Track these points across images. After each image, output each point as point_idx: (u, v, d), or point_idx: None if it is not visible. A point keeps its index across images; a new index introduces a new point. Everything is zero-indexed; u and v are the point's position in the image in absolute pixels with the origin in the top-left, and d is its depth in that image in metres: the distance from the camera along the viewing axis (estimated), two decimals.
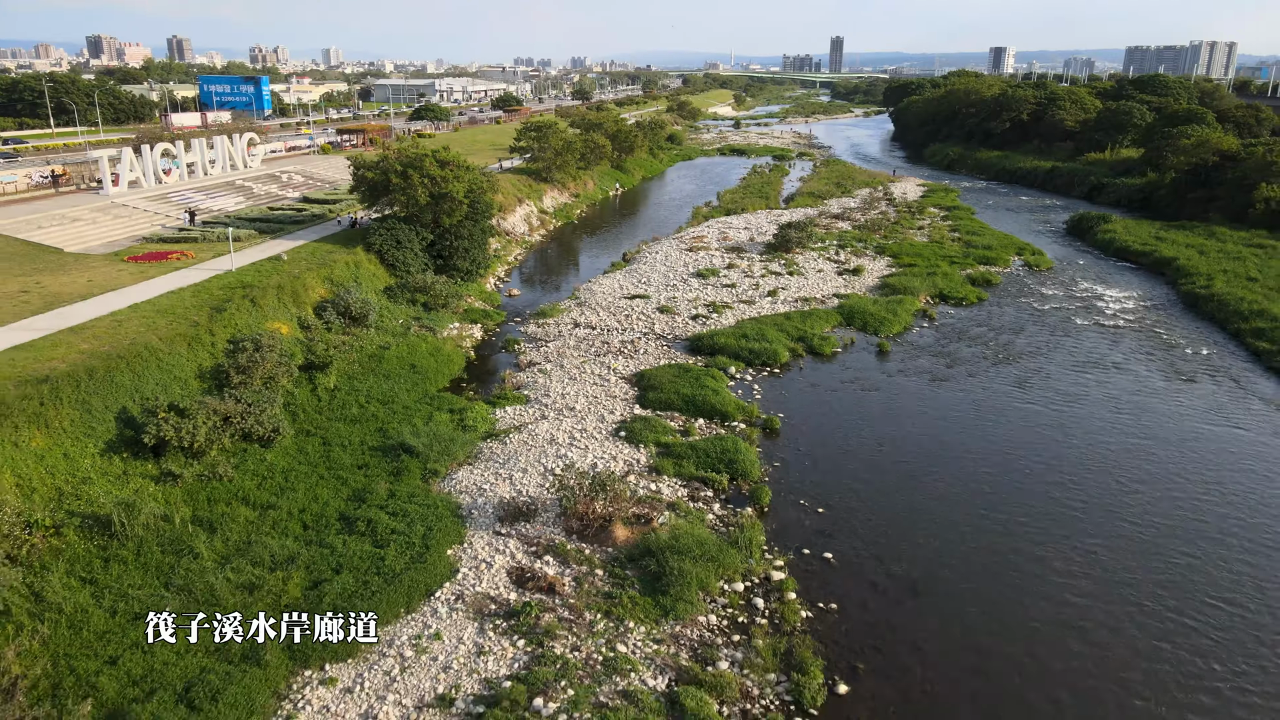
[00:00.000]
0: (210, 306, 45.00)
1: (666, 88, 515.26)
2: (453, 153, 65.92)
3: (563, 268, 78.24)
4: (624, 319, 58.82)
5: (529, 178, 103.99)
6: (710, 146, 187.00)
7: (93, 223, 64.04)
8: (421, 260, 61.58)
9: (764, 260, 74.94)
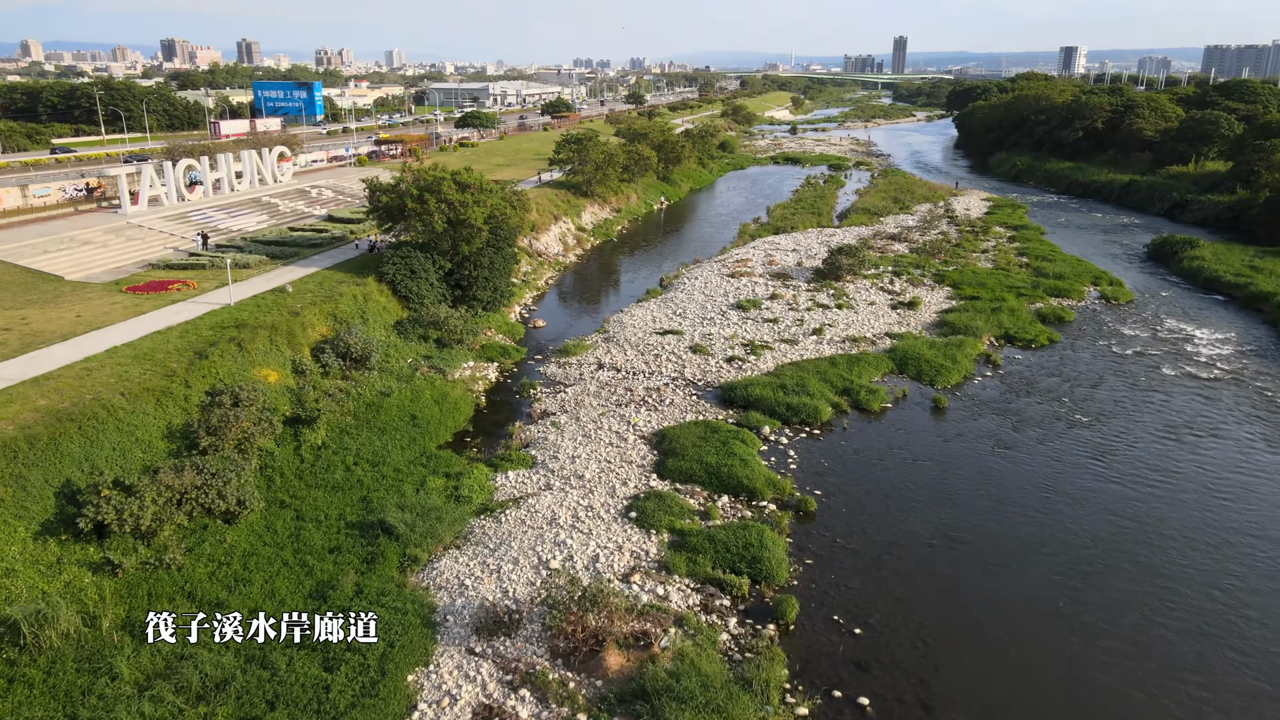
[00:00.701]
0: (194, 351, 41.23)
1: (724, 90, 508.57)
2: (476, 173, 61.63)
3: (594, 294, 73.48)
4: (653, 359, 53.80)
5: (568, 192, 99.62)
6: (763, 154, 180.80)
7: (102, 246, 61.28)
8: (438, 291, 57.37)
9: (811, 290, 69.15)
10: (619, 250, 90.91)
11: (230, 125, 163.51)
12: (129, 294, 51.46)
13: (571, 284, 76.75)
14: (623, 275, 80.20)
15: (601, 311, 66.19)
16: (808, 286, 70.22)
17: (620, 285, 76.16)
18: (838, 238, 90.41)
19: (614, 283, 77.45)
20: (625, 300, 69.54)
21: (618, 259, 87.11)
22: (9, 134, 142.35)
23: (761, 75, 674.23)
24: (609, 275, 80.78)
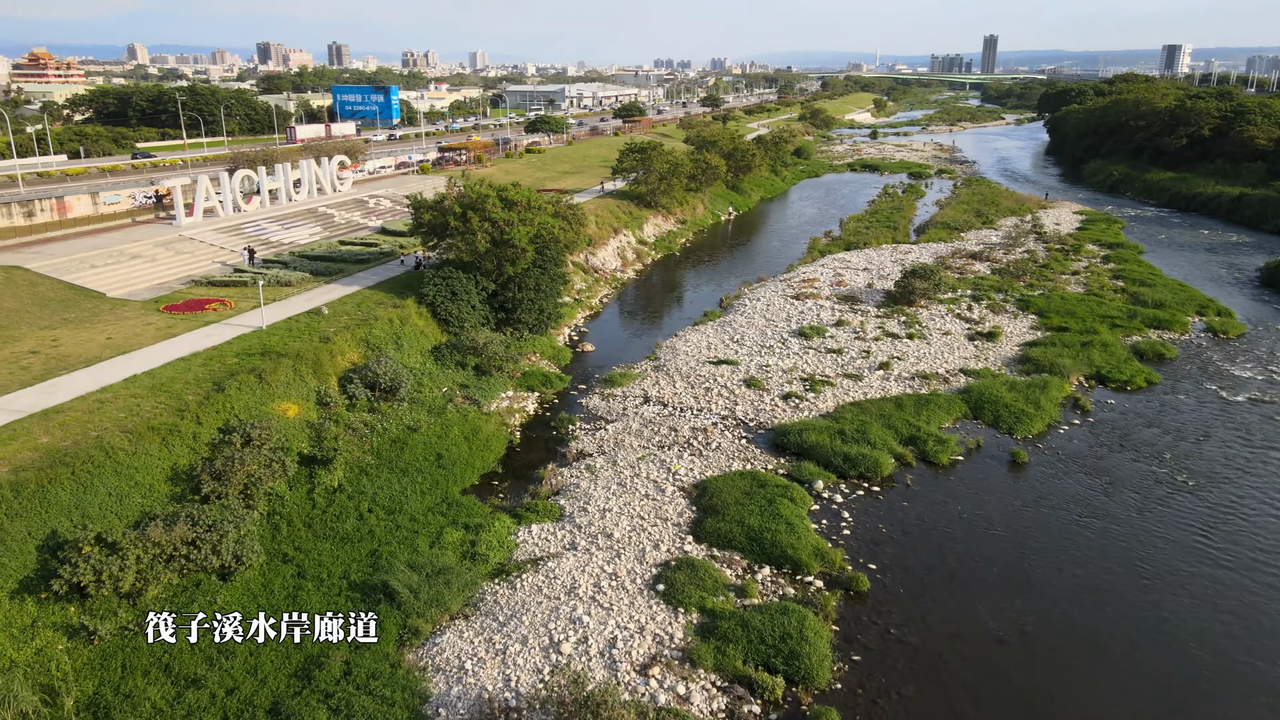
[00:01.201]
0: (212, 382, 39.23)
1: (804, 91, 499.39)
2: (524, 189, 58.82)
3: (648, 315, 69.96)
4: (703, 393, 50.05)
5: (631, 202, 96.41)
6: (840, 161, 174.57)
7: (150, 261, 60.52)
8: (479, 314, 54.71)
9: (881, 316, 64.32)
10: (680, 265, 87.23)
11: (306, 130, 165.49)
12: (165, 314, 50.14)
13: (627, 303, 73.41)
14: (681, 294, 76.52)
15: (655, 334, 62.66)
16: (877, 312, 65.38)
17: (677, 305, 72.49)
18: (913, 255, 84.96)
19: (671, 302, 73.82)
20: (681, 322, 65.87)
21: (678, 275, 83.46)
22: (95, 138, 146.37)
23: (844, 76, 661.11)
24: (666, 294, 77.20)
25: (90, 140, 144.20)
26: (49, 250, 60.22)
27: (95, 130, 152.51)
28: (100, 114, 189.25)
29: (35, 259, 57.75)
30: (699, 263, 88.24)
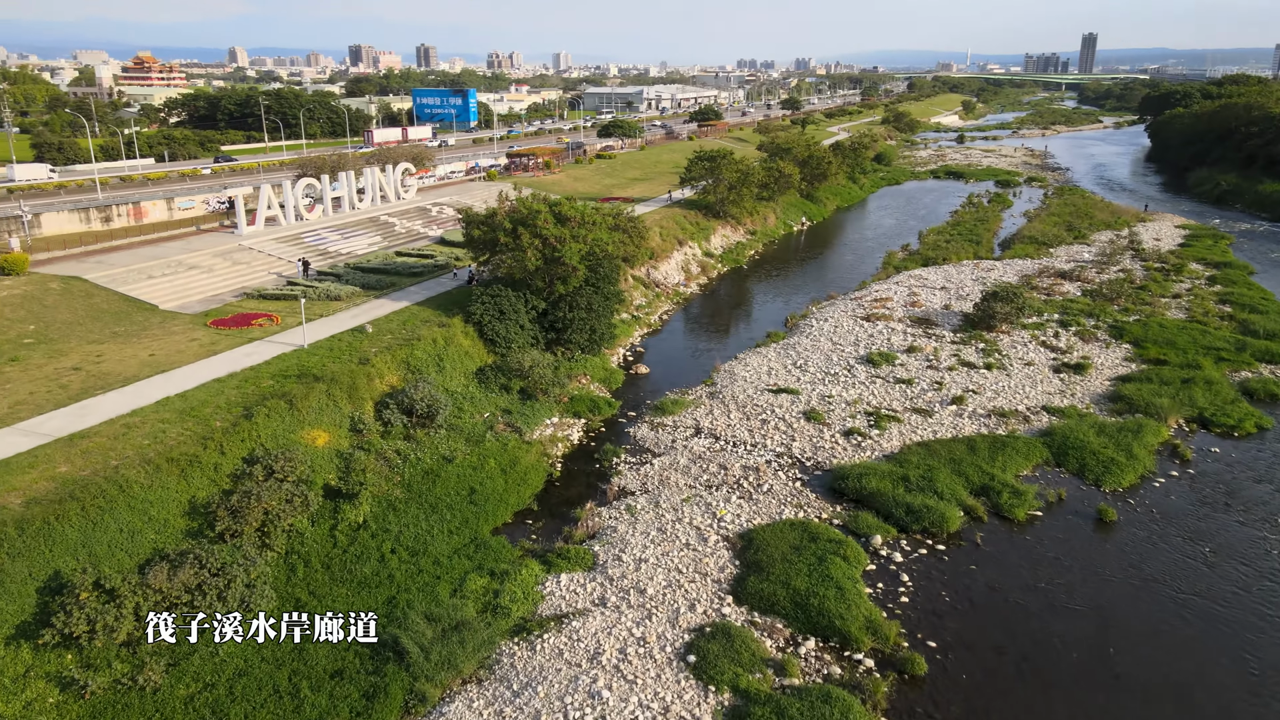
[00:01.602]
0: (243, 407, 37.99)
1: (890, 93, 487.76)
2: (578, 204, 56.56)
3: (709, 335, 66.93)
4: (758, 426, 46.92)
5: (699, 212, 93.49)
6: (923, 168, 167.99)
7: (207, 271, 60.35)
8: (528, 334, 52.64)
9: (957, 342, 59.99)
10: (747, 280, 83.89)
11: (383, 133, 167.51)
12: (211, 329, 49.47)
13: (687, 321, 70.50)
14: (744, 312, 73.26)
15: (713, 356, 59.66)
16: (953, 337, 61.03)
17: (740, 324, 69.27)
18: (996, 273, 79.84)
19: (733, 321, 70.63)
20: (742, 344, 62.71)
21: (743, 291, 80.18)
22: (183, 142, 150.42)
23: (931, 76, 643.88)
24: (729, 311, 74.01)
25: (177, 144, 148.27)
26: (111, 260, 60.57)
27: (183, 134, 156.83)
28: (192, 117, 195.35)
29: (96, 269, 58.06)
30: (766, 277, 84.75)
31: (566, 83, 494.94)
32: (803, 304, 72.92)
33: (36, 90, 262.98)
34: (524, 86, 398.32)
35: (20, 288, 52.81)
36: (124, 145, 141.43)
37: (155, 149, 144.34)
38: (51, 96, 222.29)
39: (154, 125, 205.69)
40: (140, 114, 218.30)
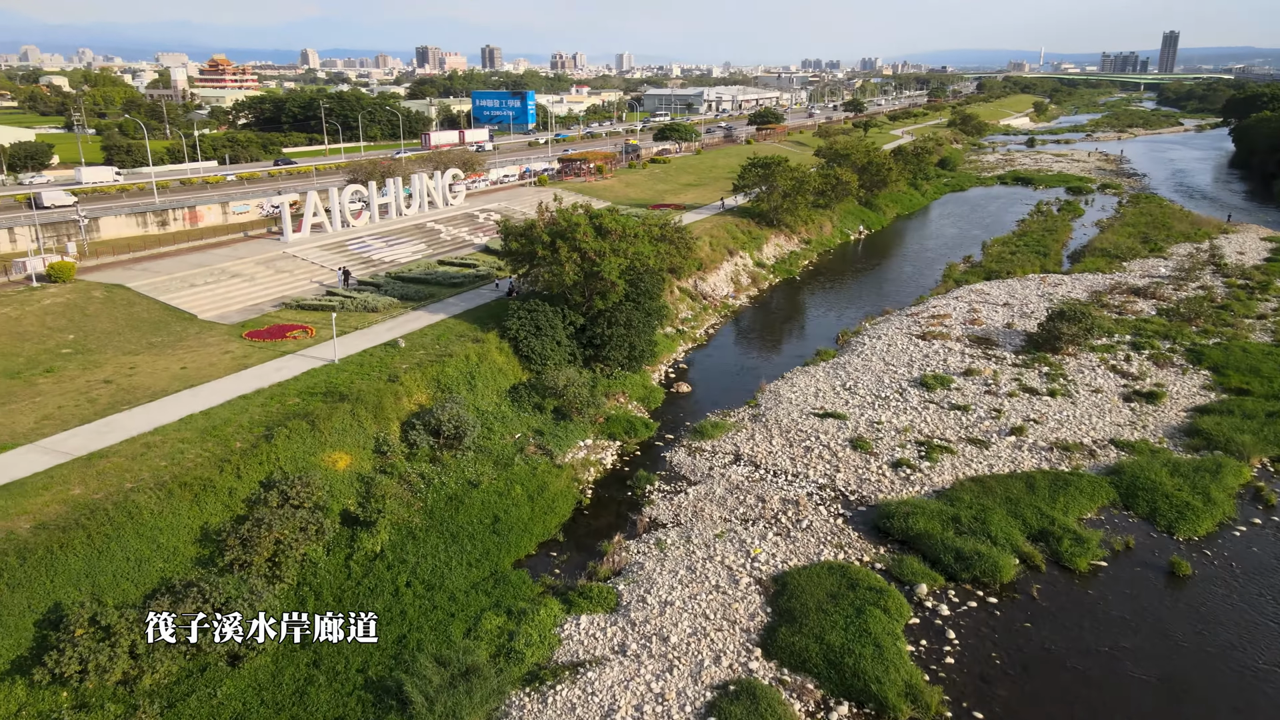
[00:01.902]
0: (265, 426, 37.10)
1: (958, 94, 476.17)
2: (620, 216, 54.75)
3: (756, 351, 64.51)
4: (801, 454, 44.52)
5: (751, 220, 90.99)
6: (990, 173, 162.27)
7: (249, 280, 60.15)
8: (565, 351, 51.01)
9: (1019, 364, 56.61)
10: (799, 292, 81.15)
11: (440, 136, 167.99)
12: (246, 340, 48.97)
13: (734, 335, 68.14)
14: (794, 327, 70.62)
15: (759, 374, 57.29)
16: (1015, 359, 57.62)
17: (788, 340, 66.70)
18: (1063, 289, 75.75)
19: (782, 336, 68.07)
20: (790, 361, 60.21)
21: (794, 304, 77.49)
22: (246, 144, 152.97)
23: (1002, 76, 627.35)
24: (779, 326, 71.42)
25: (240, 146, 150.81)
26: (156, 267, 60.78)
27: (246, 136, 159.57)
28: (258, 119, 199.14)
29: (141, 276, 58.27)
30: (820, 289, 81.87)
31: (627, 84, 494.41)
32: (856, 319, 70.04)
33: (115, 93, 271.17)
34: (584, 88, 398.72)
35: (65, 296, 53.11)
36: (190, 148, 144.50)
37: (219, 151, 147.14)
38: (127, 99, 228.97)
39: (223, 127, 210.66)
40: (210, 116, 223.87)
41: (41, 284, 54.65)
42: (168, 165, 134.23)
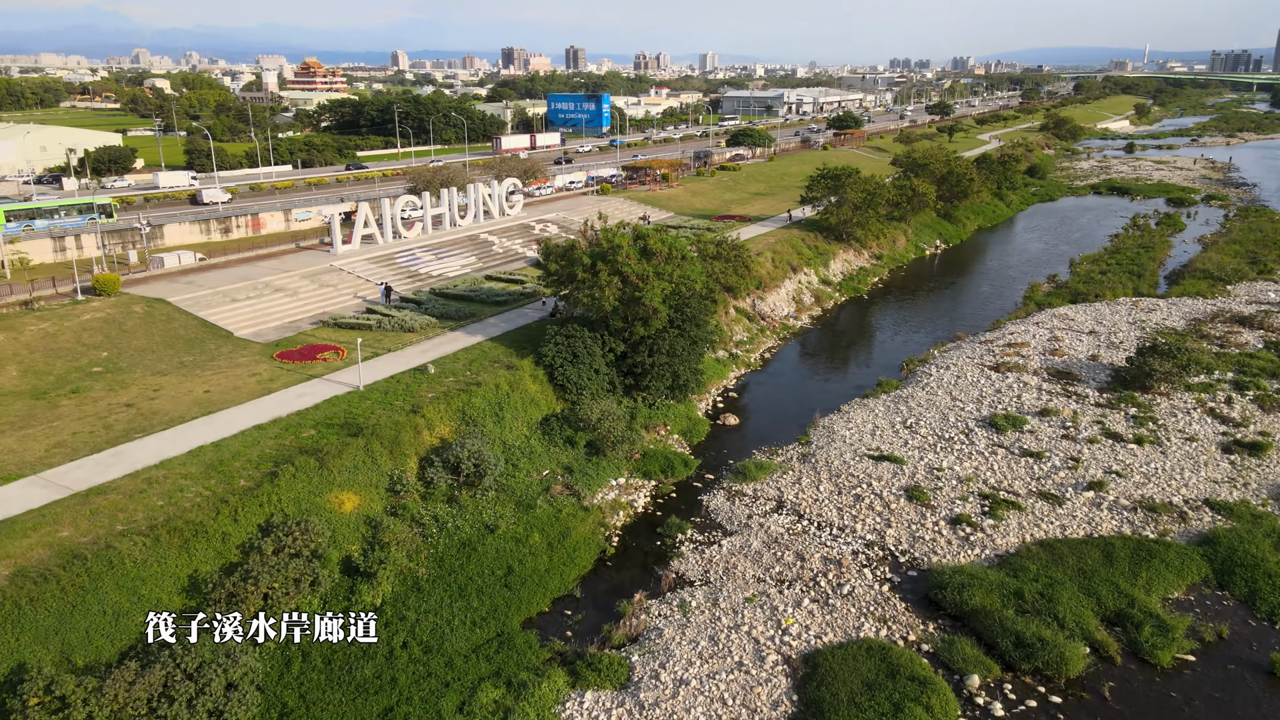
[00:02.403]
0: (273, 461, 35.33)
1: (1053, 95, 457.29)
2: (670, 235, 51.60)
3: (812, 379, 60.57)
4: (850, 503, 40.76)
5: (819, 234, 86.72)
6: (1082, 182, 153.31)
7: (291, 295, 59.16)
8: (603, 380, 48.21)
9: (1103, 404, 51.45)
10: (866, 312, 76.65)
11: (510, 141, 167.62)
12: (276, 362, 47.65)
13: (792, 360, 64.28)
14: (857, 352, 66.33)
15: (814, 406, 53.47)
16: (1098, 398, 52.44)
17: (849, 367, 62.56)
18: (1158, 315, 69.49)
19: (843, 362, 63.93)
20: (848, 391, 56.22)
21: (859, 326, 73.10)
22: (322, 148, 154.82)
23: (1102, 76, 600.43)
24: (840, 350, 67.19)
25: (316, 150, 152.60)
26: (201, 280, 60.27)
27: (323, 140, 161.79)
28: (338, 123, 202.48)
29: (185, 290, 57.80)
30: (888, 310, 77.21)
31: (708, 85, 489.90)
32: (924, 345, 65.40)
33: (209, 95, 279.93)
34: (664, 89, 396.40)
35: (105, 310, 52.77)
36: (268, 151, 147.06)
37: (295, 155, 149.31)
38: (217, 102, 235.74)
39: (306, 130, 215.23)
40: (295, 119, 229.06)
41: (86, 297, 54.54)
42: (244, 169, 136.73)
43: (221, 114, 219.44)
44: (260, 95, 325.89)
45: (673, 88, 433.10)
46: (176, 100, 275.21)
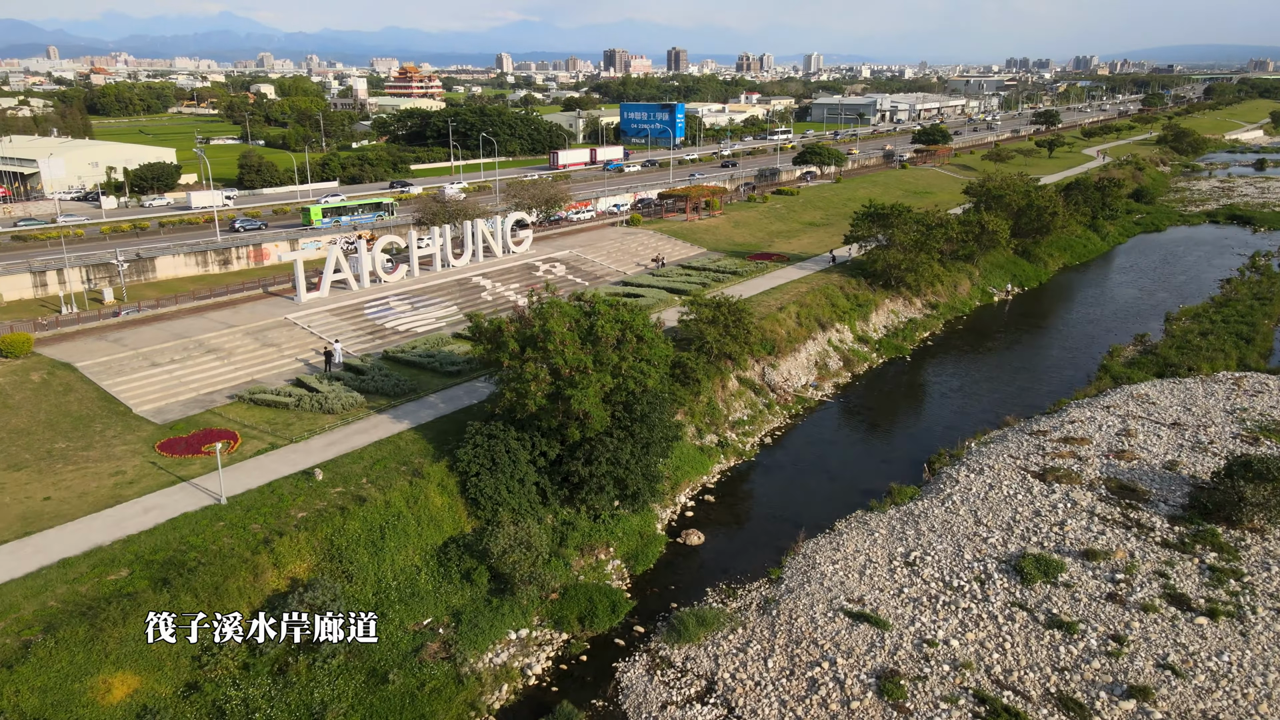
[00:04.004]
0: (47, 621, 28.28)
1: (1181, 99, 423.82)
2: (632, 311, 42.50)
3: (811, 479, 50.14)
4: (801, 692, 31.20)
5: (863, 280, 75.95)
6: (1197, 207, 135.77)
7: (225, 357, 52.85)
8: (530, 491, 39.74)
9: (1172, 542, 39.92)
10: (905, 381, 65.70)
11: (569, 155, 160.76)
12: (155, 453, 41.05)
13: (796, 448, 54.18)
14: (876, 439, 55.79)
15: (803, 520, 43.77)
16: (1167, 530, 40.91)
17: (860, 463, 52.24)
18: (1264, 402, 56.43)
19: (854, 455, 53.56)
20: (853, 499, 46.14)
21: (889, 402, 62.22)
22: (375, 162, 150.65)
23: (1238, 79, 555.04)
24: (856, 437, 56.60)
25: (369, 164, 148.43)
26: (128, 339, 54.42)
27: (377, 153, 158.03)
28: (406, 133, 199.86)
29: (108, 350, 52.22)
30: (931, 377, 66.03)
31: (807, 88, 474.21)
32: (963, 430, 54.42)
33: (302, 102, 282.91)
34: (755, 95, 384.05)
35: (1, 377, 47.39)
36: (320, 165, 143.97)
37: (347, 170, 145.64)
38: (298, 110, 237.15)
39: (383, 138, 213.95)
40: (372, 128, 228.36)
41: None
42: (289, 186, 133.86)
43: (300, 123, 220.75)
44: (349, 102, 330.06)
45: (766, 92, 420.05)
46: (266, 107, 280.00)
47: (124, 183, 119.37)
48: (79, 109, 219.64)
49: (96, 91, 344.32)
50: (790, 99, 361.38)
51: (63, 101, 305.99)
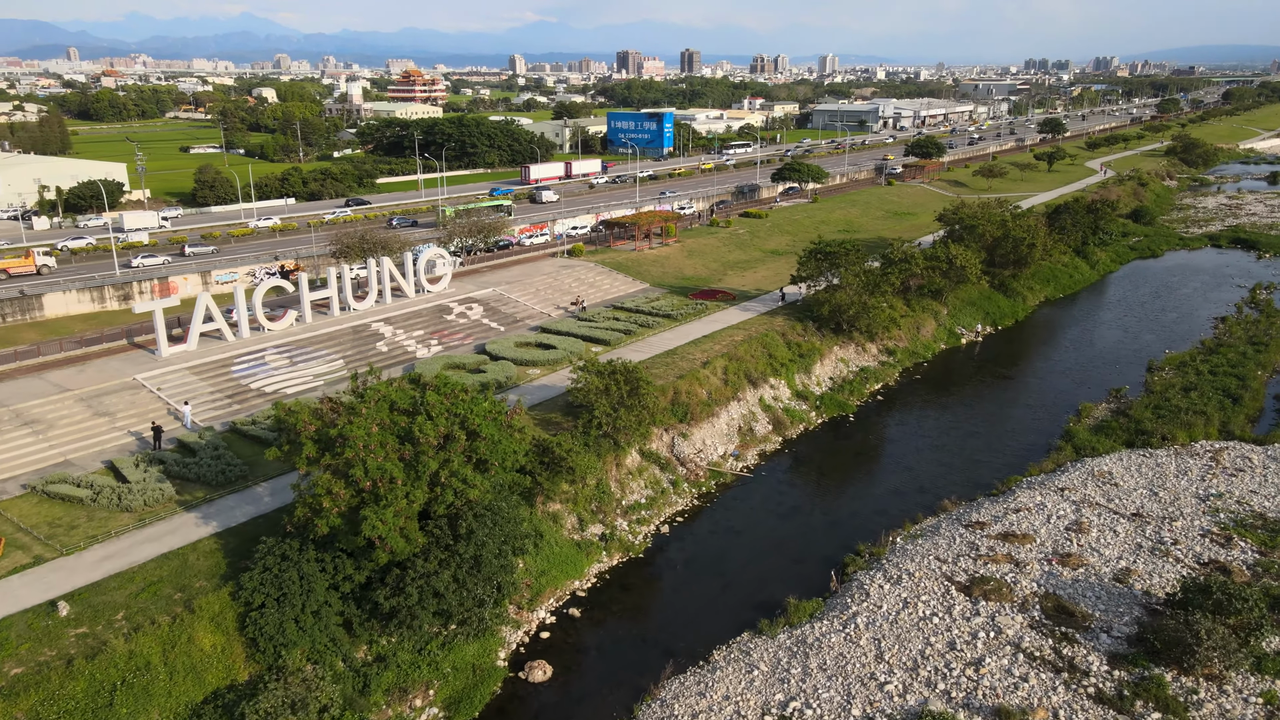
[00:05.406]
0: None
1: (1198, 104, 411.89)
2: (470, 400, 35.77)
3: (705, 581, 43.14)
4: None
5: (810, 326, 68.79)
6: (1199, 228, 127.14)
7: (43, 431, 46.52)
8: (326, 628, 33.07)
9: (1108, 693, 32.61)
10: (841, 447, 58.46)
11: (541, 169, 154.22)
12: None
13: (696, 540, 47.07)
14: (790, 530, 48.26)
15: (680, 642, 36.92)
16: (1105, 674, 33.63)
17: (766, 560, 45.02)
18: (1245, 484, 48.83)
19: (762, 549, 46.20)
20: (745, 614, 39.18)
21: (819, 475, 54.85)
22: (340, 176, 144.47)
23: (1259, 81, 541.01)
24: (769, 525, 49.06)
25: (333, 179, 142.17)
26: None
27: (342, 167, 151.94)
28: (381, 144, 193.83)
29: None
30: (873, 442, 58.82)
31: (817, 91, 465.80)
32: (893, 517, 47.30)
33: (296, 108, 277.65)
34: (759, 100, 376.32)
35: None
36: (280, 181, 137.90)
37: (310, 185, 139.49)
38: (285, 117, 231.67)
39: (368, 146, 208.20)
40: (355, 137, 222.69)
41: None
42: (241, 204, 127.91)
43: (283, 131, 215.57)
44: (344, 107, 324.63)
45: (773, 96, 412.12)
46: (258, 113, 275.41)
47: (56, 202, 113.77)
48: (56, 117, 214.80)
49: (90, 97, 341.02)
50: (795, 104, 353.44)
51: (60, 106, 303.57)
